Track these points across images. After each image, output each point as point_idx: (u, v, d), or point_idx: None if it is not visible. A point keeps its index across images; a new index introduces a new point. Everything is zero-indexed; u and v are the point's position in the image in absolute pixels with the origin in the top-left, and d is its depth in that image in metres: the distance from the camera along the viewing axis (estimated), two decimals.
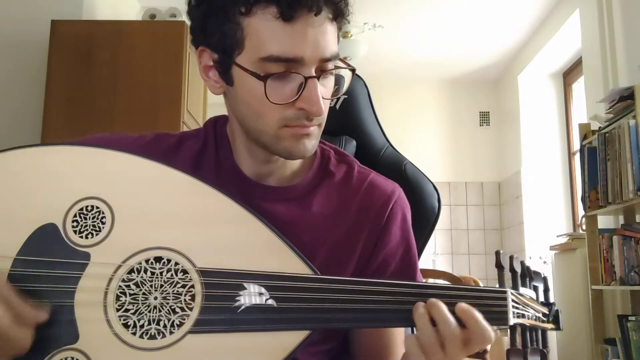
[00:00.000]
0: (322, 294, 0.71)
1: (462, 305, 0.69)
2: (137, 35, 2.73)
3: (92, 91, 2.64)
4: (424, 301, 0.70)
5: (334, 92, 0.81)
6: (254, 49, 0.74)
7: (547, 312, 0.75)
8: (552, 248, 3.65)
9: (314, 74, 0.75)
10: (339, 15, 0.78)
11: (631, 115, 2.63)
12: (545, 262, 4.16)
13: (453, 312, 0.69)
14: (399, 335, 0.91)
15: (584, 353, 3.14)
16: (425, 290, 0.71)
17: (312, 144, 0.80)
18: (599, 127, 2.93)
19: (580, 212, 3.46)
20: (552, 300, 0.78)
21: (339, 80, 0.83)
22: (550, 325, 0.75)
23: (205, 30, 0.79)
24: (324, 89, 0.78)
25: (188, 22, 0.82)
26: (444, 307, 0.69)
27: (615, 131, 2.73)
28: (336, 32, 0.79)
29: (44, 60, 2.68)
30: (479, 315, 0.69)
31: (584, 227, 3.07)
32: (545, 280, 0.79)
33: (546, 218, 4.45)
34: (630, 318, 2.68)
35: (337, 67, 0.79)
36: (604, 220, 3.10)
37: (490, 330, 0.69)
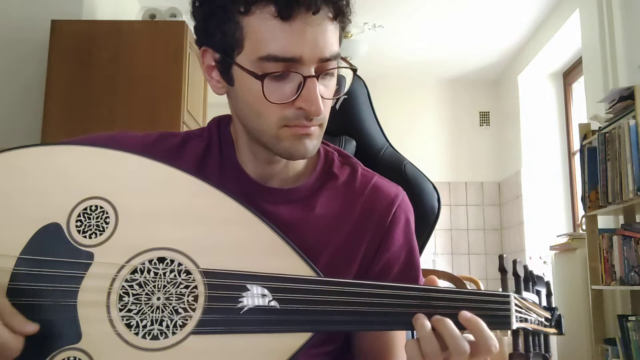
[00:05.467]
0: (325, 296, 0.70)
1: (466, 314, 0.69)
2: (137, 35, 2.73)
3: (92, 91, 2.64)
4: (427, 306, 0.69)
5: (335, 92, 0.81)
6: (253, 49, 0.75)
7: (550, 317, 0.75)
8: (552, 248, 3.65)
9: (313, 74, 0.75)
10: (340, 14, 0.77)
11: (631, 115, 2.63)
12: (545, 262, 4.16)
13: (456, 321, 0.68)
14: (400, 337, 0.90)
15: (584, 353, 3.14)
16: (429, 294, 0.70)
17: (313, 144, 0.80)
18: (599, 127, 2.93)
19: (580, 212, 3.46)
20: (554, 304, 0.78)
21: (340, 80, 0.83)
22: (552, 330, 0.75)
23: (207, 30, 0.80)
24: (325, 89, 0.78)
25: (192, 23, 0.83)
26: (452, 324, 0.68)
27: (615, 131, 2.74)
28: (337, 31, 0.78)
29: (44, 60, 2.68)
30: (483, 325, 0.68)
31: (584, 227, 3.07)
32: (548, 284, 0.79)
33: (546, 218, 4.45)
34: (630, 318, 2.69)
35: (337, 67, 0.78)
36: (604, 220, 3.10)
37: (495, 339, 0.68)
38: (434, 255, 4.98)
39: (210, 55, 0.81)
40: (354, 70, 0.81)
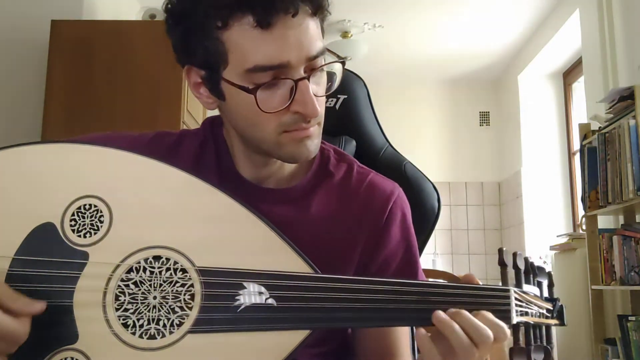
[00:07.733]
0: (322, 293, 0.70)
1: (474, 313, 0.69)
2: (137, 35, 2.73)
3: (92, 91, 2.63)
4: (425, 301, 0.69)
5: (327, 89, 0.80)
6: (238, 62, 0.74)
7: (552, 308, 0.75)
8: (552, 248, 3.65)
9: (304, 75, 0.74)
10: (319, 9, 0.76)
11: (631, 115, 2.63)
12: (545, 262, 4.15)
13: None
14: (403, 336, 0.90)
15: (584, 353, 3.14)
16: (427, 289, 0.70)
17: (314, 144, 0.80)
18: (599, 127, 2.93)
19: (580, 212, 3.46)
20: (556, 295, 0.77)
21: (331, 76, 0.81)
22: (554, 321, 0.75)
23: (187, 49, 0.78)
24: (317, 87, 0.77)
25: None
26: (469, 315, 0.68)
27: (615, 131, 2.73)
28: (319, 26, 0.78)
29: (44, 60, 2.68)
30: (490, 315, 0.68)
31: (584, 227, 3.07)
32: (549, 275, 0.79)
33: (546, 218, 4.45)
34: (630, 318, 2.68)
35: (327, 63, 0.78)
36: (604, 220, 3.10)
37: (503, 324, 0.68)
38: (434, 255, 4.98)
39: (195, 73, 0.80)
40: (343, 63, 0.80)
